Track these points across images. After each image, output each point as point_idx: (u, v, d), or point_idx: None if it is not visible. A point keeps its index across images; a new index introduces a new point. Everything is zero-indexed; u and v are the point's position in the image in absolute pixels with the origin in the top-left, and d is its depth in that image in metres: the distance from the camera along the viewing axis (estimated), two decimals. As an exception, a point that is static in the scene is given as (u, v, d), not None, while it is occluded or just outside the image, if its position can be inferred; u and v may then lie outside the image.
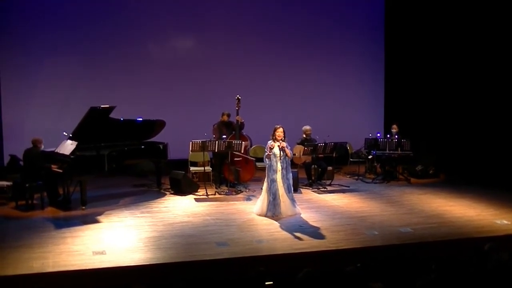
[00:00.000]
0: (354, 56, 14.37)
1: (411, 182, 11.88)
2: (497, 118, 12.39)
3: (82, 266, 6.58)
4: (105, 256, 6.93)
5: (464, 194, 10.54)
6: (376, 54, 14.51)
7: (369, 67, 14.51)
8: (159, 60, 13.02)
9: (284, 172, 8.87)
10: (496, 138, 12.34)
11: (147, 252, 7.12)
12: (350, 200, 10.25)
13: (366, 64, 14.47)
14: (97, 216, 8.85)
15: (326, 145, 11.00)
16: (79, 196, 9.29)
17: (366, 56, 14.45)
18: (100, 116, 9.74)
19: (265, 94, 13.50)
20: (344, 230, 8.15)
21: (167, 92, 12.96)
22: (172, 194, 10.64)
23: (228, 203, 9.91)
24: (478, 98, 12.71)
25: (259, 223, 8.59)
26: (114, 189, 10.92)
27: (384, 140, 12.03)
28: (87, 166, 9.27)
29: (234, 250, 7.20)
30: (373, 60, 14.51)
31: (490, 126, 12.51)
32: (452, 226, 8.37)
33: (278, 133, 8.89)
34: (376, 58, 14.53)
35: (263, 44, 13.60)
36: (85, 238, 7.66)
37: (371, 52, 14.47)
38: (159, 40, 13.07)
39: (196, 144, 10.32)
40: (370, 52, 14.46)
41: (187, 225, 8.44)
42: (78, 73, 12.43)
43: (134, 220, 8.68)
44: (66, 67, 12.33)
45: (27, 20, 12.06)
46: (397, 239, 7.74)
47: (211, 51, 13.32)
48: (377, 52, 14.52)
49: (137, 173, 11.93)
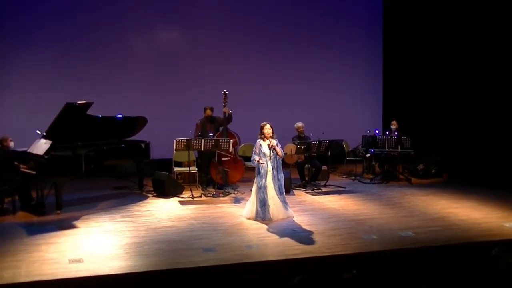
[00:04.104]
0: (350, 48, 14.36)
1: (412, 182, 11.91)
2: (504, 114, 12.44)
3: (57, 275, 6.53)
4: (83, 264, 6.89)
5: (469, 195, 10.57)
6: (374, 45, 14.53)
7: (367, 59, 14.51)
8: (140, 53, 12.98)
9: (275, 172, 8.85)
10: (503, 135, 12.39)
11: (128, 259, 7.09)
12: (347, 202, 10.26)
13: (363, 56, 14.48)
14: (74, 221, 8.81)
15: (321, 143, 10.99)
16: (54, 200, 9.24)
17: (363, 47, 14.45)
18: (76, 112, 9.67)
19: (254, 89, 13.51)
20: (340, 234, 8.16)
21: (149, 87, 12.91)
22: (155, 196, 10.63)
23: (216, 206, 9.90)
24: (484, 92, 12.75)
25: (249, 227, 8.58)
26: (92, 192, 10.88)
27: (383, 137, 12.04)
28: (63, 167, 9.21)
29: (222, 257, 7.19)
30: (370, 52, 14.52)
31: (496, 122, 12.56)
32: (457, 230, 8.38)
33: (266, 130, 8.86)
34: (374, 49, 14.55)
35: (252, 37, 13.61)
36: (60, 245, 7.62)
37: (369, 44, 14.49)
38: (141, 33, 13.01)
39: (180, 143, 10.30)
40: (367, 44, 14.48)
41: (171, 230, 8.42)
42: (53, 67, 12.38)
43: (114, 225, 8.65)
44: (40, 60, 12.27)
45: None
46: (397, 244, 7.75)
47: (197, 44, 13.28)
48: (375, 44, 14.54)
49: (117, 175, 11.89)
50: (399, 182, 11.93)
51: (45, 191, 9.43)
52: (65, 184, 9.42)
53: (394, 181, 11.96)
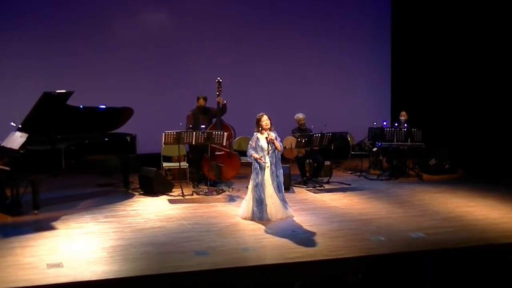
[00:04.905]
0: (355, 32, 14.36)
1: (424, 178, 11.92)
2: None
3: (34, 281, 6.50)
4: (62, 269, 6.87)
5: (487, 192, 10.59)
6: (381, 31, 14.53)
7: (373, 45, 14.52)
8: (126, 39, 12.93)
9: (274, 168, 8.83)
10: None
11: (112, 263, 7.08)
12: (352, 200, 10.27)
13: (370, 41, 14.48)
14: (53, 222, 8.79)
15: (323, 135, 10.99)
16: (30, 199, 9.21)
17: (370, 32, 14.45)
18: (55, 103, 9.65)
19: (251, 78, 13.51)
20: (344, 235, 8.16)
21: (135, 75, 12.89)
22: (142, 194, 10.64)
23: (208, 205, 9.91)
24: (503, 80, 12.73)
25: (245, 228, 8.58)
26: (73, 189, 10.88)
27: (391, 130, 12.04)
28: (40, 163, 9.16)
29: (216, 260, 7.18)
30: (378, 37, 14.52)
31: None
32: (473, 231, 8.38)
33: (264, 122, 8.84)
34: (381, 35, 14.55)
35: (249, 20, 13.60)
36: (38, 249, 7.59)
37: (376, 28, 14.48)
38: (127, 15, 12.98)
39: (169, 136, 10.28)
40: (374, 30, 14.48)
41: (159, 231, 8.41)
42: (29, 54, 12.33)
43: (97, 226, 8.63)
44: (15, 47, 12.21)
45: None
46: (407, 246, 7.75)
47: (188, 27, 13.25)
48: (383, 28, 14.52)
49: (100, 171, 11.90)
50: (409, 178, 11.95)
51: (21, 189, 9.41)
52: (43, 181, 9.39)
53: (403, 177, 11.98)
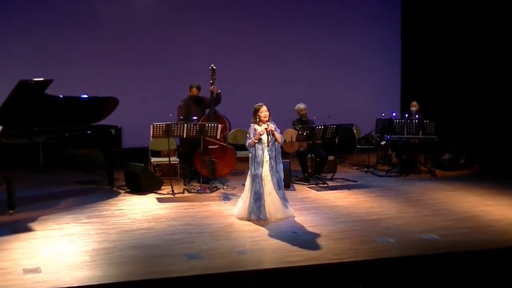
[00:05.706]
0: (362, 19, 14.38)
1: (437, 175, 11.95)
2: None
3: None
4: (40, 275, 6.84)
5: (505, 190, 10.60)
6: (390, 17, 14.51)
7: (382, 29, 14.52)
8: (111, 21, 12.91)
9: (273, 163, 8.81)
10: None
11: (95, 268, 7.05)
12: (358, 199, 10.29)
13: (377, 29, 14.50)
14: (30, 222, 8.78)
15: (326, 128, 10.99)
16: (5, 198, 9.21)
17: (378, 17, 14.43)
18: (32, 92, 9.65)
19: (248, 65, 13.51)
20: (350, 237, 8.15)
21: (121, 61, 12.89)
22: (128, 193, 10.65)
23: (201, 203, 9.91)
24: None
25: (241, 229, 8.58)
26: (52, 187, 10.90)
27: (401, 121, 12.04)
28: (16, 158, 9.13)
29: (209, 264, 7.17)
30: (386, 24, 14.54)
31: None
32: (491, 232, 8.37)
33: (263, 113, 8.81)
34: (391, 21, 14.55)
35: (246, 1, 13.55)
36: (13, 252, 7.59)
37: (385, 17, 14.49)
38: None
39: (158, 128, 10.27)
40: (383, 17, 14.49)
41: (148, 232, 8.40)
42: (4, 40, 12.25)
43: (79, 228, 8.62)
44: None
45: None
46: (419, 249, 7.74)
47: (180, 9, 13.24)
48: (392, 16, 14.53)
49: (83, 167, 11.90)
50: (420, 174, 11.99)
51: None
52: (19, 178, 9.37)
53: (414, 173, 12.01)
